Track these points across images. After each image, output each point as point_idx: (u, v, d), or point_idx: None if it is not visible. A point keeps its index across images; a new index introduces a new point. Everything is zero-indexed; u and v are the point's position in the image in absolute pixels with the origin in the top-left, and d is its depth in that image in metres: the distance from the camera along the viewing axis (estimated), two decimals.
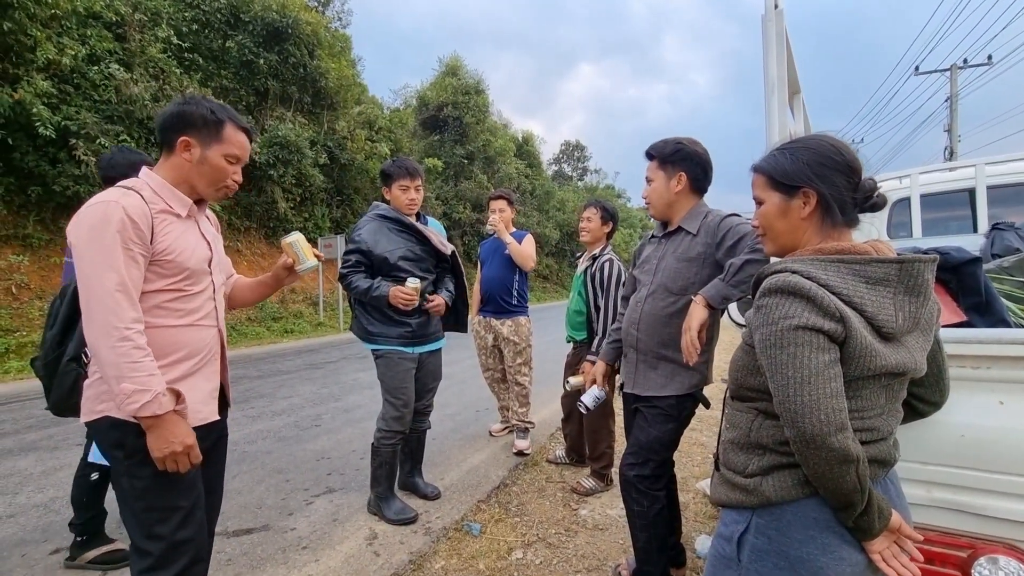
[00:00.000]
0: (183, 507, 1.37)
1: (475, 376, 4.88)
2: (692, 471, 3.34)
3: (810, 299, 0.91)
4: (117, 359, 1.22)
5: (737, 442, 1.08)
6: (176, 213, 1.39)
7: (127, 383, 1.22)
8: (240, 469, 3.33)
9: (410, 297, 2.47)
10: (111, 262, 1.23)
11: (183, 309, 1.39)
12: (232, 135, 1.42)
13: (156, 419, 1.26)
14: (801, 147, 1.06)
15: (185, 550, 1.37)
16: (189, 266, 1.39)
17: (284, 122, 12.37)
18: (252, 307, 11.18)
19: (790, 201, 1.06)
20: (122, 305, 1.24)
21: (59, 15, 8.30)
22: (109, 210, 1.25)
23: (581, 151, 48.65)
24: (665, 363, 1.88)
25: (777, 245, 1.12)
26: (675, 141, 1.86)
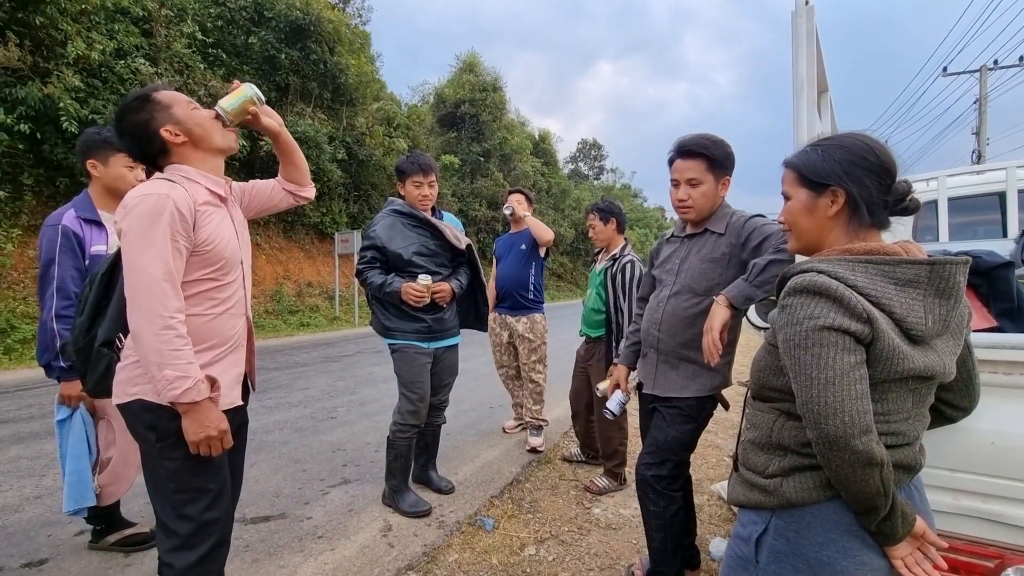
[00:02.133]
0: (212, 489, 1.41)
1: (490, 373, 4.90)
2: (707, 473, 3.31)
3: (837, 299, 0.90)
4: (160, 346, 1.26)
5: (758, 442, 1.07)
6: (218, 196, 1.45)
7: (169, 370, 1.26)
8: (258, 458, 3.39)
9: (420, 294, 2.49)
10: (160, 252, 1.27)
11: (217, 298, 1.43)
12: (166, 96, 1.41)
13: (193, 405, 1.31)
14: (835, 145, 1.04)
15: (212, 531, 1.41)
16: (225, 255, 1.43)
17: (304, 117, 12.51)
18: (270, 300, 11.34)
19: (817, 199, 1.05)
20: (168, 295, 1.28)
21: (88, 10, 8.49)
22: (161, 203, 1.28)
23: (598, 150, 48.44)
24: (687, 364, 1.86)
25: (801, 242, 1.11)
26: (722, 142, 1.81)
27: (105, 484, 2.15)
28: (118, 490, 2.19)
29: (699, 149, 1.79)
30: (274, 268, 12.21)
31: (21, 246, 7.88)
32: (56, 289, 1.95)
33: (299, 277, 12.72)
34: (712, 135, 1.83)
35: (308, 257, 13.50)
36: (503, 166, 22.41)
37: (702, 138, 1.81)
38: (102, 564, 2.15)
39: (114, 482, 2.16)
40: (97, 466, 2.12)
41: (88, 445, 2.07)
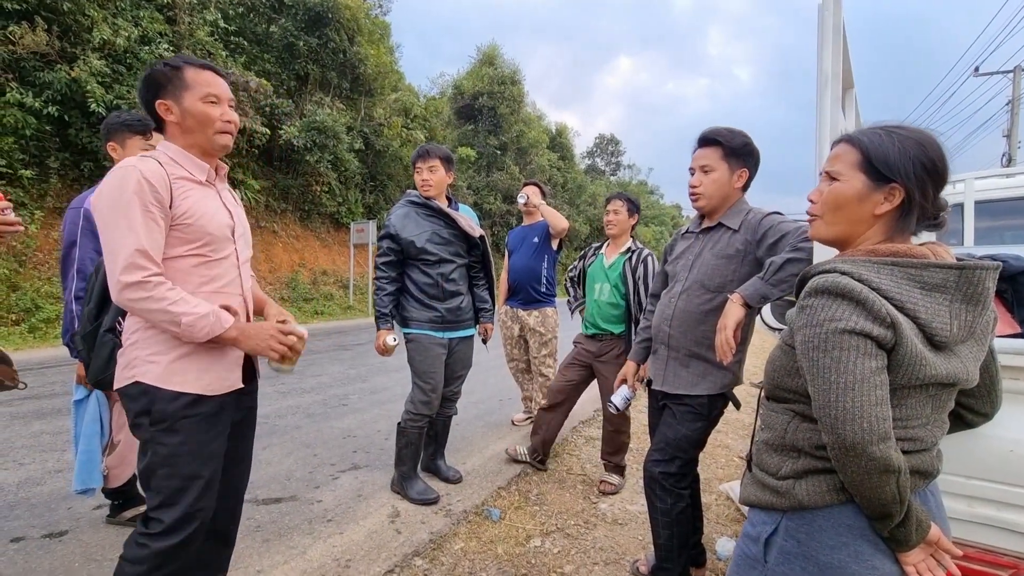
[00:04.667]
0: (203, 476, 1.38)
1: (500, 365, 4.91)
2: (716, 473, 3.30)
3: (859, 302, 0.87)
4: (157, 306, 1.24)
5: (771, 443, 1.06)
6: (196, 179, 1.40)
7: (183, 318, 1.25)
8: (270, 441, 3.45)
9: (382, 351, 2.59)
10: (130, 224, 1.24)
11: (206, 276, 1.39)
12: (195, 76, 1.38)
13: (236, 329, 1.33)
14: (911, 139, 0.95)
15: (197, 518, 1.38)
16: (210, 231, 1.38)
17: (322, 107, 12.59)
18: (285, 288, 11.50)
19: (874, 191, 0.97)
20: (145, 262, 1.25)
21: None
22: (126, 174, 1.26)
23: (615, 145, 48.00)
24: (697, 361, 1.85)
25: (831, 232, 1.03)
26: (741, 133, 1.79)
27: (112, 466, 2.20)
28: (123, 473, 2.23)
29: (715, 137, 1.79)
30: (290, 256, 12.34)
31: (46, 228, 8.07)
32: (76, 271, 2.00)
33: (314, 265, 12.85)
34: (734, 128, 1.82)
35: (324, 246, 13.63)
36: (519, 159, 22.34)
37: (721, 127, 1.81)
38: (118, 538, 2.21)
39: (120, 464, 2.22)
40: (107, 448, 2.17)
41: (101, 426, 2.11)
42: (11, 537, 2.19)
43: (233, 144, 1.49)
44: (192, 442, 1.35)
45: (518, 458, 3.25)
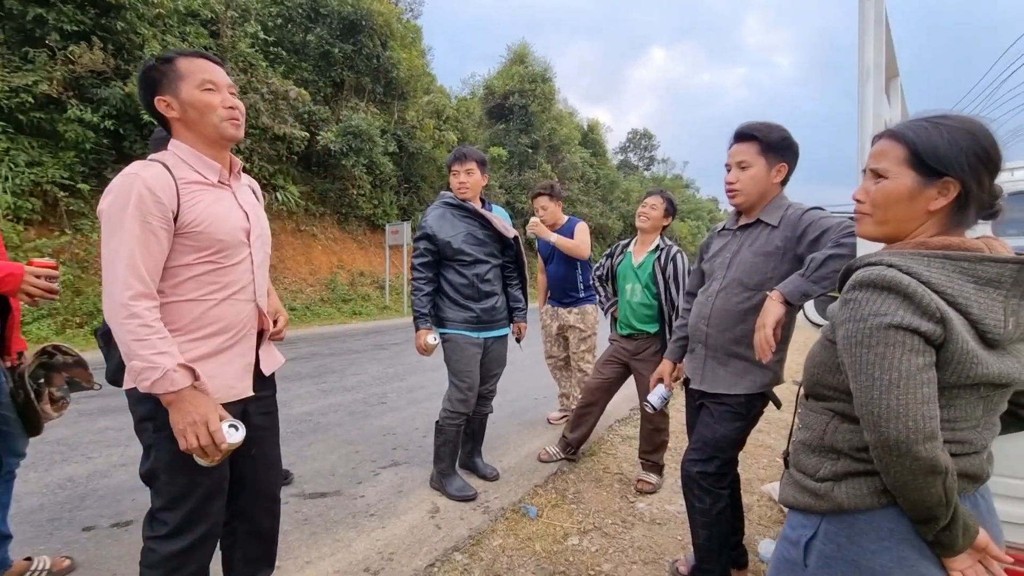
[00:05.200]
0: (205, 484, 1.37)
1: (535, 364, 4.93)
2: (757, 473, 3.22)
3: (907, 296, 0.84)
4: (125, 336, 1.20)
5: (809, 444, 1.03)
6: (208, 181, 1.35)
7: (136, 360, 1.20)
8: (315, 438, 3.58)
9: (423, 350, 2.61)
10: (124, 237, 1.20)
11: (218, 283, 1.35)
12: (188, 65, 1.33)
13: (174, 395, 1.23)
14: (961, 128, 0.91)
15: (201, 523, 1.38)
16: (220, 237, 1.33)
17: (357, 112, 12.89)
18: (325, 289, 11.84)
19: (925, 187, 0.92)
20: (130, 282, 1.20)
21: (163, 14, 9.07)
22: (127, 183, 1.22)
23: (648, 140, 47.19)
24: (736, 360, 1.82)
25: (881, 230, 0.99)
26: (779, 127, 1.75)
27: None
28: None
29: (751, 132, 1.75)
30: (328, 258, 12.70)
31: None
32: None
33: (352, 267, 13.18)
34: (771, 122, 1.78)
35: (361, 248, 13.96)
36: (551, 157, 22.25)
37: (758, 122, 1.78)
38: None
39: None
40: None
41: None
42: (83, 526, 2.36)
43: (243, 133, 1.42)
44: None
45: (552, 459, 3.26)
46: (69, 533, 2.29)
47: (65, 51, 7.86)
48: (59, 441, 3.28)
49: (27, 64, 7.75)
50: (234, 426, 1.32)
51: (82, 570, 2.03)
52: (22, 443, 1.84)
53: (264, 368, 1.56)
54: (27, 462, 1.98)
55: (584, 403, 3.17)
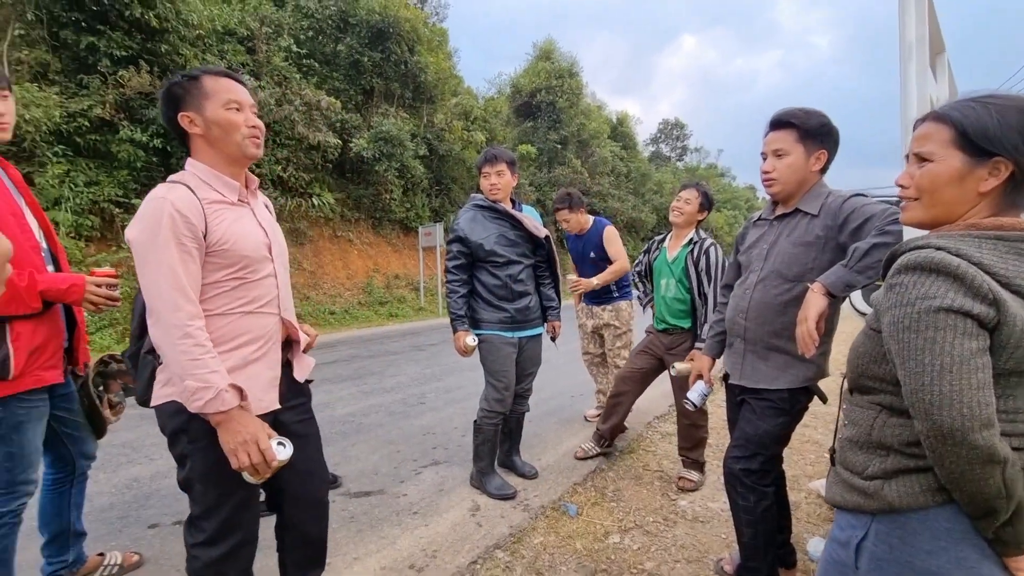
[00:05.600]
0: (240, 493, 1.40)
1: (570, 362, 4.92)
2: (804, 469, 3.13)
3: (958, 278, 0.81)
4: (179, 357, 1.23)
5: (856, 440, 0.99)
6: (227, 200, 1.38)
7: (190, 380, 1.23)
8: (357, 439, 3.69)
9: (463, 351, 2.64)
10: (166, 260, 1.23)
11: (245, 296, 1.38)
12: (213, 84, 1.35)
13: (223, 415, 1.26)
14: (1011, 107, 0.88)
15: (237, 530, 1.41)
16: (246, 253, 1.37)
17: (388, 117, 13.13)
18: (362, 293, 12.13)
19: (975, 168, 0.89)
20: (180, 303, 1.23)
21: (203, 35, 9.48)
22: (157, 207, 1.24)
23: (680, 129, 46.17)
24: (777, 354, 1.78)
25: (929, 215, 0.95)
26: (818, 112, 1.69)
27: None
28: None
29: (788, 119, 1.69)
30: (364, 262, 13.00)
31: None
32: None
33: (387, 270, 13.45)
34: (809, 108, 1.72)
35: (395, 251, 14.22)
36: (580, 152, 22.08)
37: (795, 108, 1.71)
38: None
39: None
40: None
41: None
42: (148, 524, 2.51)
43: (263, 151, 1.45)
44: (226, 460, 1.32)
45: (588, 455, 3.25)
46: (136, 530, 2.44)
47: (115, 76, 8.32)
48: (124, 444, 3.49)
49: (82, 90, 8.25)
50: (282, 443, 1.35)
51: (149, 565, 2.16)
52: (92, 446, 1.97)
53: (297, 375, 1.60)
54: (97, 464, 2.12)
55: (615, 392, 3.17)
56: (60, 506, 1.92)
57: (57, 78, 8.25)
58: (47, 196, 7.48)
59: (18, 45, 8.01)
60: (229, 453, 1.29)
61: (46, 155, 7.64)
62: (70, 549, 1.96)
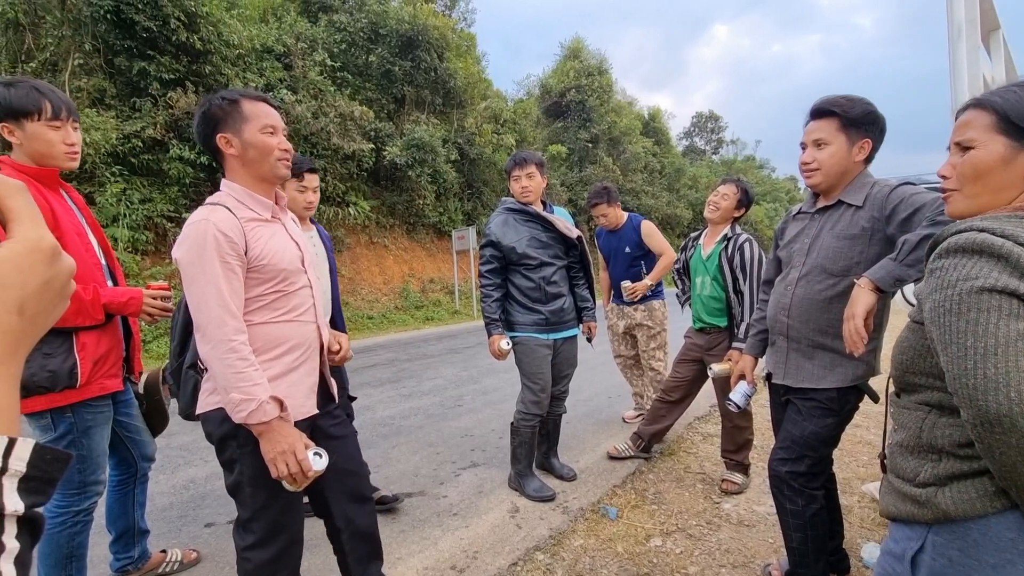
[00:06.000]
0: (285, 495, 1.46)
1: (606, 362, 4.87)
2: (856, 472, 3.00)
3: (1002, 257, 0.77)
4: (225, 370, 1.30)
5: (906, 445, 0.93)
6: (262, 217, 1.45)
7: (235, 393, 1.30)
8: (398, 440, 3.76)
9: (498, 355, 2.66)
10: (211, 278, 1.31)
11: (284, 307, 1.46)
12: (251, 108, 1.42)
13: (265, 425, 1.33)
14: None
15: (285, 532, 1.48)
16: (284, 267, 1.44)
17: (419, 124, 13.35)
18: (398, 297, 12.37)
19: (1020, 151, 0.86)
20: (225, 318, 1.31)
21: (243, 54, 9.90)
22: (201, 229, 1.32)
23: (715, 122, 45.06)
24: (823, 352, 1.71)
25: (976, 203, 0.92)
26: (863, 100, 1.62)
27: None
28: None
29: (830, 107, 1.62)
30: (400, 267, 13.25)
31: None
32: None
33: (422, 274, 13.67)
34: (852, 95, 1.65)
35: (429, 255, 14.44)
36: (612, 150, 21.86)
37: (837, 96, 1.65)
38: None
39: None
40: None
41: None
42: (205, 523, 2.63)
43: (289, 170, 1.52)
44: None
45: (621, 455, 3.20)
46: (194, 529, 2.57)
47: (165, 97, 8.79)
48: (181, 447, 3.67)
49: (135, 113, 8.76)
50: (318, 453, 1.40)
51: (206, 562, 2.27)
52: (151, 449, 2.09)
53: (331, 385, 1.67)
54: (157, 466, 2.25)
55: (662, 399, 3.10)
56: (125, 505, 2.05)
57: (113, 103, 8.78)
58: (107, 214, 7.97)
59: (78, 74, 8.58)
60: (269, 463, 1.36)
61: (105, 175, 8.14)
62: (135, 546, 2.09)
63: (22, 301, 0.36)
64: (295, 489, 1.43)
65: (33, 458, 0.35)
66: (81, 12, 8.17)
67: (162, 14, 8.34)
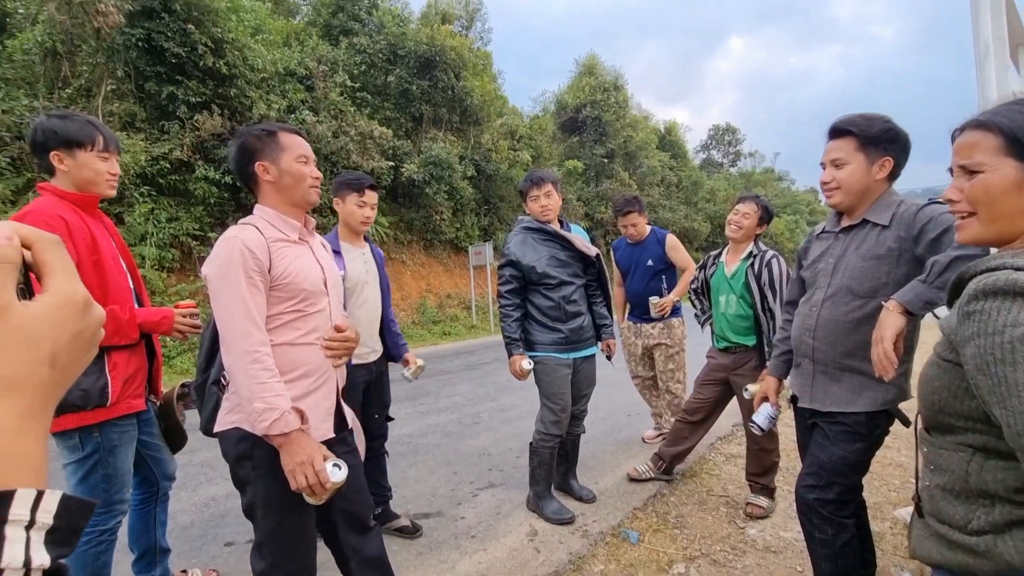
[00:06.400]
0: (296, 518, 1.49)
1: (624, 379, 4.81)
2: (888, 496, 2.89)
3: None
4: (248, 380, 1.34)
5: (951, 489, 0.87)
6: (289, 239, 1.52)
7: (258, 402, 1.33)
8: (416, 459, 3.75)
9: (519, 375, 2.64)
10: (237, 292, 1.36)
11: (303, 328, 1.49)
12: (289, 140, 1.52)
13: (285, 437, 1.35)
14: None
15: (296, 556, 1.50)
16: (305, 287, 1.49)
17: (436, 142, 13.54)
18: (416, 312, 12.44)
19: None
20: (250, 330, 1.36)
21: (266, 77, 10.20)
22: (230, 246, 1.39)
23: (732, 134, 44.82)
24: (851, 375, 1.67)
25: (992, 229, 0.88)
26: (881, 118, 1.60)
27: None
28: None
29: (847, 126, 1.61)
30: (418, 283, 13.35)
31: None
32: None
33: (439, 289, 13.74)
34: (871, 113, 1.63)
35: (447, 271, 14.52)
36: (628, 164, 21.85)
37: (854, 115, 1.63)
38: None
39: None
40: None
41: None
42: (225, 542, 2.65)
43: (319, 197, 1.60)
44: (287, 485, 1.39)
45: (641, 477, 3.14)
46: (214, 548, 2.58)
47: (192, 120, 9.08)
48: (203, 463, 3.71)
49: (163, 135, 9.05)
50: (337, 465, 1.41)
51: None
52: (172, 467, 2.12)
53: (345, 411, 1.70)
54: (178, 483, 2.28)
55: (683, 420, 3.04)
56: (147, 524, 2.07)
57: (142, 126, 9.09)
58: (135, 233, 8.20)
59: (110, 99, 8.92)
60: (288, 474, 1.37)
61: (134, 196, 8.40)
62: (157, 565, 2.11)
63: (54, 353, 0.37)
64: (316, 502, 1.43)
65: (60, 509, 0.35)
66: (115, 41, 8.52)
67: (190, 41, 8.66)
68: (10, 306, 0.36)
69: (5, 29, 9.02)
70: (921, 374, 0.94)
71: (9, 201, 7.49)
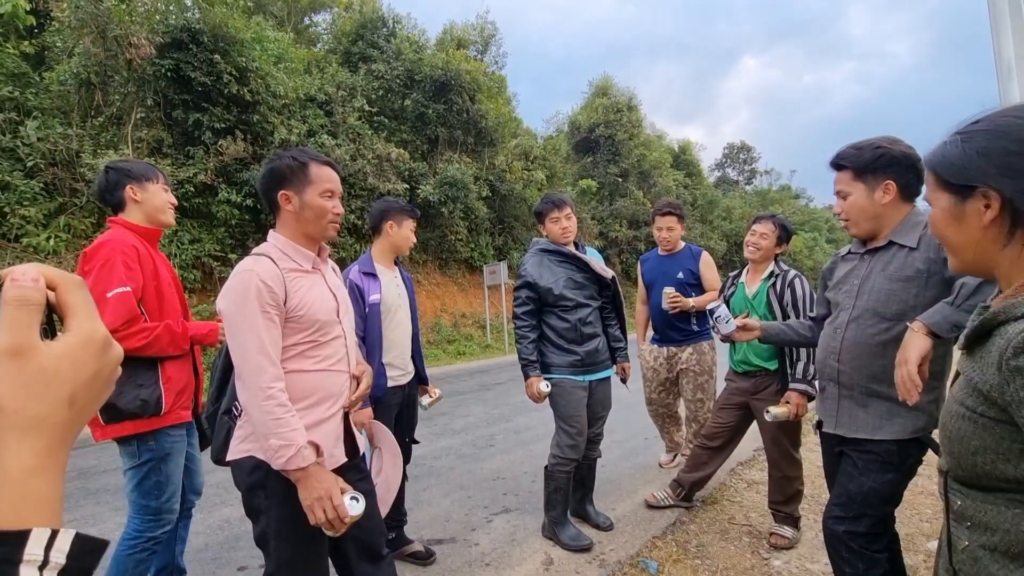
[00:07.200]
0: (309, 547, 1.47)
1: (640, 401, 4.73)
2: (920, 527, 2.76)
3: None
4: (264, 416, 1.33)
5: (1004, 550, 0.78)
6: (303, 269, 1.51)
7: (273, 439, 1.32)
8: (429, 482, 3.71)
9: (536, 398, 2.60)
10: (252, 327, 1.35)
11: (318, 356, 1.49)
12: (318, 172, 1.50)
13: (302, 471, 1.34)
14: (979, 130, 0.81)
15: None
16: (319, 318, 1.48)
17: (452, 163, 13.74)
18: (431, 332, 12.47)
19: (963, 204, 0.82)
20: (264, 366, 1.35)
21: (287, 103, 10.50)
22: (245, 280, 1.38)
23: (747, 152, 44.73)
24: (878, 400, 1.61)
25: (961, 261, 0.88)
26: (872, 145, 1.60)
27: None
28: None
29: (839, 160, 1.66)
30: (432, 302, 13.41)
31: None
32: None
33: (454, 309, 13.78)
34: (863, 141, 1.64)
35: (461, 290, 14.58)
36: (642, 183, 21.88)
37: (847, 147, 1.67)
38: None
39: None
40: None
41: None
42: (238, 566, 2.63)
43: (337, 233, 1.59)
44: (302, 514, 1.38)
45: (660, 504, 3.05)
46: (227, 572, 2.57)
47: (216, 145, 9.36)
48: (218, 484, 3.72)
49: (189, 160, 9.33)
50: (355, 498, 1.39)
51: None
52: (200, 481, 2.18)
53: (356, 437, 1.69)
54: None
55: (703, 446, 2.96)
56: (169, 539, 2.08)
57: (169, 151, 9.40)
58: None
59: (139, 126, 9.26)
60: (307, 509, 1.36)
61: None
62: None
63: (74, 393, 0.39)
64: (334, 535, 1.41)
65: (73, 549, 0.35)
66: (145, 71, 8.87)
67: (216, 70, 8.98)
68: (35, 347, 0.37)
69: (44, 62, 9.46)
70: (945, 425, 0.86)
71: (41, 224, 7.76)
